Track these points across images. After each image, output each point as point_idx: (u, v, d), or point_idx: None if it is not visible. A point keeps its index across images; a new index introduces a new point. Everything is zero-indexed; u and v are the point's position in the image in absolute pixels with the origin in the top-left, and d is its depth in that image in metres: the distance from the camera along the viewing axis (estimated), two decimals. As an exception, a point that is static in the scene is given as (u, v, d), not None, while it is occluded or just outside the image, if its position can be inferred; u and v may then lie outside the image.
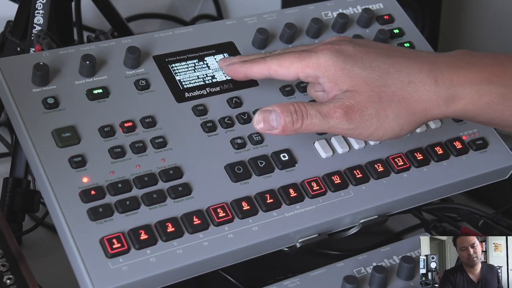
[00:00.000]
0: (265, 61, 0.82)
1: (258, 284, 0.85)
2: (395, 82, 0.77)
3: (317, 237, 0.82)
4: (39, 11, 0.99)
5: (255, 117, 0.79)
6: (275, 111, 0.78)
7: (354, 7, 0.99)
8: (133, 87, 0.85)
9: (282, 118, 0.77)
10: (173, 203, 0.78)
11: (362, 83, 0.77)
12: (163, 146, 0.81)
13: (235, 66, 0.84)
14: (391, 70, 0.78)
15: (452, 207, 1.02)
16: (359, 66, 0.78)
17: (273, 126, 0.78)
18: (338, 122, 0.77)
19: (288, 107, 0.78)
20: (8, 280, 0.78)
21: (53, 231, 0.99)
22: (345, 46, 0.80)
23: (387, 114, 0.77)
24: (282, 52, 0.83)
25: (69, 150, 0.78)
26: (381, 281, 0.81)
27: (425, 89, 0.77)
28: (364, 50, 0.80)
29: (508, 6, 1.53)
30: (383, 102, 0.77)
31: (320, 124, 0.78)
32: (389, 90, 0.77)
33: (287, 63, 0.80)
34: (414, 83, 0.77)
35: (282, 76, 0.81)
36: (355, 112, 0.77)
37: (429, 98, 0.77)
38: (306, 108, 0.77)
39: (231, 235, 0.78)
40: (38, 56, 0.83)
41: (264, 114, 0.78)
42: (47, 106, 0.80)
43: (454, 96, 0.77)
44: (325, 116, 0.77)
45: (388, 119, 0.77)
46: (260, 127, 0.78)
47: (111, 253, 0.73)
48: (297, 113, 0.77)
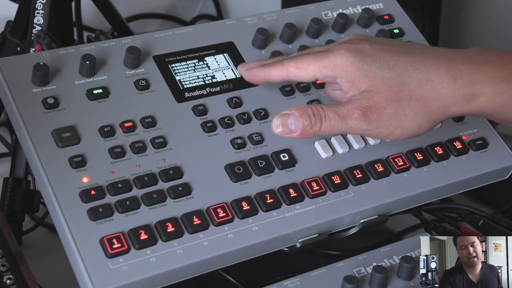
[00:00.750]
0: (282, 64, 0.82)
1: (258, 284, 0.85)
2: (413, 80, 0.77)
3: (317, 237, 0.82)
4: (39, 11, 0.99)
5: (274, 122, 0.79)
6: (293, 114, 0.78)
7: (354, 7, 0.99)
8: (133, 87, 0.85)
9: (300, 122, 0.78)
10: (173, 203, 0.78)
11: (380, 83, 0.77)
12: (163, 146, 0.81)
13: (254, 70, 0.84)
14: (409, 69, 0.77)
15: (452, 207, 1.02)
16: (376, 66, 0.78)
17: (292, 130, 0.78)
18: (357, 123, 0.77)
19: (306, 110, 0.78)
20: (8, 280, 0.78)
21: (53, 231, 0.99)
22: (361, 45, 0.79)
23: (405, 113, 0.77)
24: (299, 54, 0.83)
25: (69, 150, 0.78)
26: (381, 281, 0.81)
27: (444, 87, 0.77)
28: (381, 48, 0.79)
29: (508, 6, 1.53)
30: (401, 101, 0.77)
31: (338, 126, 0.78)
32: (407, 89, 0.77)
33: (304, 64, 0.80)
34: (432, 81, 0.77)
35: (300, 77, 0.81)
36: (373, 113, 0.77)
37: (447, 96, 0.77)
38: (324, 111, 0.77)
39: (231, 235, 0.78)
40: (38, 56, 0.83)
41: (283, 118, 0.78)
42: (47, 106, 0.80)
43: (473, 94, 0.77)
44: (343, 118, 0.77)
45: (406, 118, 0.77)
46: (279, 131, 0.79)
47: (111, 253, 0.73)
48: (315, 116, 0.77)
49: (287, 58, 0.83)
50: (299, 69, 0.81)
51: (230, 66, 0.89)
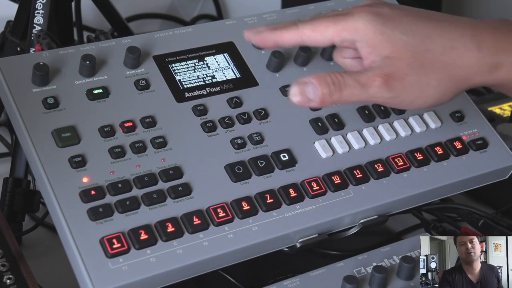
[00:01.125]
0: (297, 27, 0.78)
1: (258, 284, 0.85)
2: (437, 47, 0.74)
3: (317, 237, 0.82)
4: (39, 11, 0.99)
5: (291, 90, 0.75)
6: (311, 83, 0.74)
7: (354, 7, 0.99)
8: (133, 87, 0.85)
9: (319, 90, 0.74)
10: (173, 203, 0.78)
11: (402, 49, 0.74)
12: (163, 146, 0.81)
13: (264, 34, 0.80)
14: (433, 35, 0.75)
15: (452, 207, 1.02)
16: (399, 30, 0.74)
17: (310, 99, 0.75)
18: (378, 91, 0.74)
19: (325, 78, 0.74)
20: (8, 280, 0.78)
21: (53, 231, 0.99)
22: (383, 9, 0.76)
23: (429, 81, 0.74)
24: (315, 17, 0.79)
25: (69, 150, 0.78)
26: (381, 281, 0.81)
27: (468, 55, 0.74)
28: (403, 13, 0.76)
29: (508, 6, 1.53)
30: (425, 68, 0.74)
31: (359, 94, 0.74)
32: (431, 56, 0.74)
33: (321, 27, 0.77)
34: (456, 49, 0.74)
35: (316, 41, 0.78)
36: (395, 80, 0.74)
37: (472, 64, 0.74)
38: (343, 78, 0.74)
39: (231, 235, 0.78)
40: (38, 56, 0.83)
41: (301, 86, 0.75)
42: (47, 106, 0.80)
43: (497, 63, 0.75)
44: (364, 86, 0.74)
45: (429, 87, 0.74)
46: (297, 99, 0.75)
47: (111, 253, 0.73)
48: (334, 84, 0.74)
49: (302, 20, 0.79)
50: (315, 32, 0.77)
51: (230, 66, 0.89)
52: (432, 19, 0.76)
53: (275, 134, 0.85)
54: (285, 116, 0.87)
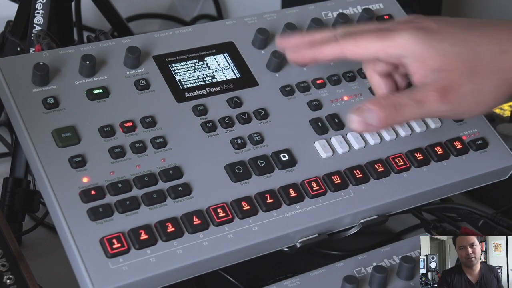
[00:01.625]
0: (338, 42, 0.77)
1: (258, 284, 0.85)
2: (488, 53, 0.73)
3: (317, 237, 0.82)
4: (39, 11, 0.99)
5: (351, 118, 0.75)
6: (369, 109, 0.74)
7: (354, 7, 0.99)
8: (133, 87, 0.85)
9: (378, 114, 0.74)
10: (173, 203, 0.78)
11: (454, 60, 0.73)
12: (163, 146, 0.81)
13: (302, 50, 0.79)
14: (481, 42, 0.74)
15: (452, 207, 1.02)
16: (448, 42, 0.74)
17: (370, 123, 0.75)
18: (435, 106, 0.73)
19: (381, 102, 0.74)
20: (8, 280, 0.78)
21: (53, 231, 0.99)
22: (426, 23, 0.76)
23: (484, 88, 0.74)
24: (356, 31, 0.77)
25: (69, 150, 0.78)
26: (381, 281, 0.81)
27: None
28: (447, 24, 0.75)
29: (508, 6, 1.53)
30: (478, 77, 0.73)
31: (416, 111, 0.74)
32: (483, 63, 0.73)
33: (365, 43, 0.76)
34: (507, 52, 0.74)
35: (359, 57, 0.77)
36: (450, 92, 0.73)
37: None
38: (399, 98, 0.74)
39: (231, 235, 0.78)
40: (38, 56, 0.83)
41: (360, 114, 0.75)
42: (47, 106, 0.80)
43: None
44: (420, 102, 0.73)
45: (485, 93, 0.74)
46: (357, 127, 0.75)
47: (111, 253, 0.73)
48: (390, 106, 0.74)
49: (342, 34, 0.77)
50: (359, 48, 0.76)
51: (230, 66, 0.89)
52: (477, 26, 0.76)
53: (275, 134, 0.85)
54: (285, 116, 0.87)
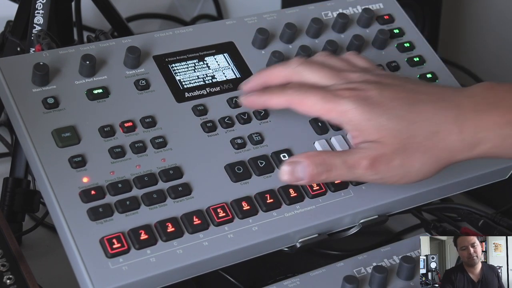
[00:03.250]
0: (286, 94, 0.80)
1: (258, 284, 0.85)
2: (421, 132, 0.77)
3: (317, 237, 0.82)
4: (39, 11, 0.99)
5: (282, 168, 0.78)
6: (301, 163, 0.78)
7: (354, 7, 0.99)
8: (133, 87, 0.85)
9: (308, 170, 0.77)
10: (173, 203, 0.78)
11: (388, 135, 0.77)
12: (163, 146, 0.81)
13: (254, 98, 0.82)
14: (418, 120, 0.77)
15: (452, 207, 1.02)
16: (386, 117, 0.77)
17: (299, 178, 0.78)
18: (364, 173, 0.77)
19: (314, 159, 0.77)
20: (8, 280, 0.78)
21: (53, 231, 0.99)
22: (371, 92, 0.78)
23: (413, 163, 0.77)
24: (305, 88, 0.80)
25: (69, 150, 0.78)
26: (381, 281, 0.81)
27: (451, 138, 0.77)
28: (390, 96, 0.78)
29: (508, 7, 1.53)
30: (409, 152, 0.77)
31: (346, 175, 0.78)
32: (415, 141, 0.77)
33: (310, 102, 0.79)
34: (440, 133, 0.77)
35: (303, 112, 0.80)
36: (381, 163, 0.77)
37: (454, 146, 0.77)
38: (332, 160, 0.77)
39: (231, 235, 0.78)
40: (38, 56, 0.83)
41: (292, 166, 0.78)
42: (47, 106, 0.80)
43: (479, 141, 0.77)
44: (351, 167, 0.77)
45: (413, 168, 0.77)
46: (287, 178, 0.78)
47: (111, 253, 0.73)
48: (323, 165, 0.77)
49: (291, 88, 0.80)
50: (304, 106, 0.79)
51: (230, 66, 0.89)
52: (419, 101, 0.78)
53: (275, 134, 0.85)
54: (285, 116, 0.87)
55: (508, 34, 1.53)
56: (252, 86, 0.84)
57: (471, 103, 0.78)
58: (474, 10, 1.58)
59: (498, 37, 1.56)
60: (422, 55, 0.98)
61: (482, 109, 0.77)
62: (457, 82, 0.97)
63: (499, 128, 0.77)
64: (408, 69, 0.96)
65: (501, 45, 1.56)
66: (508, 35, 1.53)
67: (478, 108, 0.77)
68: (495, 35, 1.56)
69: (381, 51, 0.97)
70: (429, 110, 0.78)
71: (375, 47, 0.97)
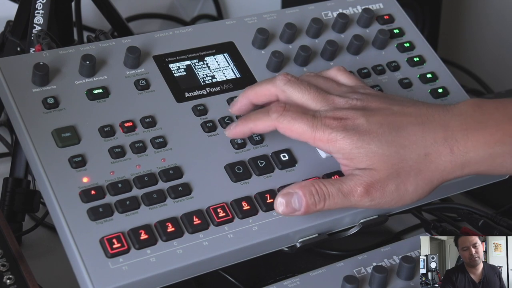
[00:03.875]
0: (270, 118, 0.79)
1: (258, 284, 0.85)
2: (412, 156, 0.77)
3: (317, 237, 0.82)
4: (39, 11, 0.99)
5: (277, 201, 0.78)
6: (296, 193, 0.77)
7: (354, 7, 0.99)
8: (133, 87, 0.85)
9: (304, 201, 0.77)
10: (173, 203, 0.78)
11: (380, 162, 0.77)
12: (163, 146, 0.81)
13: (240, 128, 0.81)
14: (407, 143, 0.77)
15: (452, 207, 1.02)
16: (375, 144, 0.77)
17: (295, 209, 0.78)
18: (360, 200, 0.77)
19: (309, 189, 0.77)
20: (8, 280, 0.78)
21: (53, 231, 0.99)
22: (358, 121, 0.78)
23: (406, 187, 0.78)
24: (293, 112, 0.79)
25: (69, 150, 0.78)
26: (381, 281, 0.81)
27: (441, 159, 0.77)
28: (378, 122, 0.78)
29: (508, 6, 1.53)
30: (401, 177, 0.77)
31: (342, 203, 0.78)
32: (407, 165, 0.77)
33: (299, 130, 0.79)
34: (430, 155, 0.77)
35: (291, 137, 0.80)
36: (375, 190, 0.77)
37: (445, 167, 0.78)
38: (327, 188, 0.77)
39: (231, 235, 0.78)
40: (38, 56, 0.83)
41: (287, 197, 0.77)
42: (47, 106, 0.80)
43: (469, 161, 0.78)
44: (347, 195, 0.77)
45: (407, 192, 0.78)
46: (282, 210, 0.78)
47: (111, 253, 0.73)
48: (319, 194, 0.77)
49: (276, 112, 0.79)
50: (292, 132, 0.79)
51: (230, 66, 0.89)
52: (407, 124, 0.78)
53: (275, 134, 0.85)
54: (285, 116, 0.87)
55: (508, 34, 1.53)
56: (239, 107, 0.83)
57: (460, 123, 0.78)
58: (474, 10, 1.58)
59: (498, 37, 1.56)
60: (422, 55, 0.98)
61: (471, 128, 0.78)
62: (457, 82, 0.97)
63: (489, 148, 0.77)
64: (408, 69, 0.96)
65: (501, 45, 1.56)
66: (508, 35, 1.53)
67: (467, 127, 0.78)
68: (495, 35, 1.56)
69: (381, 51, 0.97)
70: (418, 133, 0.78)
71: (375, 47, 0.97)
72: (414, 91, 0.94)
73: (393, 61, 0.96)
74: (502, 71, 1.55)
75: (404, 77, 0.95)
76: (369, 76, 0.94)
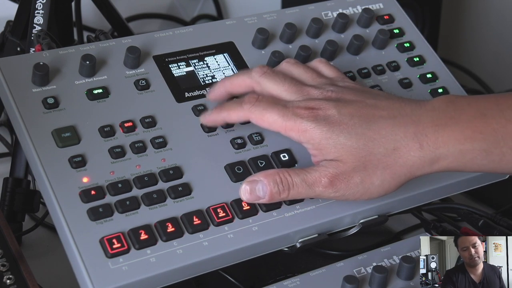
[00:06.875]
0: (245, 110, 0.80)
1: (258, 284, 0.85)
2: (380, 150, 0.77)
3: (317, 237, 0.82)
4: (39, 11, 0.99)
5: (242, 188, 0.78)
6: (261, 181, 0.78)
7: (354, 7, 0.99)
8: (133, 87, 0.85)
9: (268, 189, 0.78)
10: (173, 203, 0.78)
11: (347, 154, 0.77)
12: (163, 146, 0.81)
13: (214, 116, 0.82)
14: (376, 137, 0.77)
15: (452, 207, 1.02)
16: (344, 136, 0.77)
17: (260, 196, 0.78)
18: (324, 191, 0.77)
19: (274, 177, 0.78)
20: (8, 280, 0.78)
21: (53, 231, 0.99)
22: (330, 111, 0.78)
23: (372, 181, 0.77)
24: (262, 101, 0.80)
25: (69, 150, 0.78)
26: (381, 281, 0.81)
27: (410, 154, 0.77)
28: (349, 114, 0.78)
29: (508, 6, 1.53)
30: (368, 170, 0.77)
31: (306, 192, 0.78)
32: (374, 159, 0.77)
33: (270, 119, 0.79)
34: (399, 149, 0.77)
35: (263, 126, 0.80)
36: (340, 181, 0.77)
37: (413, 163, 0.77)
38: (291, 178, 0.78)
39: (231, 235, 0.78)
40: (38, 56, 0.83)
41: (251, 185, 0.78)
42: (47, 106, 0.80)
43: (438, 157, 0.77)
44: (311, 185, 0.77)
45: (373, 185, 0.78)
46: (247, 197, 0.78)
47: (111, 253, 0.73)
48: (283, 183, 0.77)
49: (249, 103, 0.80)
50: (263, 121, 0.79)
51: (230, 66, 0.89)
52: (378, 118, 0.78)
53: (275, 134, 0.85)
54: (285, 116, 0.87)
55: (508, 34, 1.53)
56: (216, 94, 0.84)
57: (431, 118, 0.78)
58: (474, 10, 1.58)
59: (498, 37, 1.56)
60: (422, 55, 0.98)
61: (442, 124, 0.77)
62: (457, 82, 0.97)
63: (459, 144, 0.77)
64: (408, 69, 0.96)
65: (501, 45, 1.56)
66: (508, 35, 1.53)
67: (438, 123, 0.77)
68: (495, 35, 1.56)
69: (381, 51, 0.97)
70: (388, 126, 0.78)
71: (375, 47, 0.97)
72: (414, 91, 0.94)
73: (393, 61, 0.96)
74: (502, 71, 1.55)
75: (404, 77, 0.95)
76: (369, 76, 0.94)
